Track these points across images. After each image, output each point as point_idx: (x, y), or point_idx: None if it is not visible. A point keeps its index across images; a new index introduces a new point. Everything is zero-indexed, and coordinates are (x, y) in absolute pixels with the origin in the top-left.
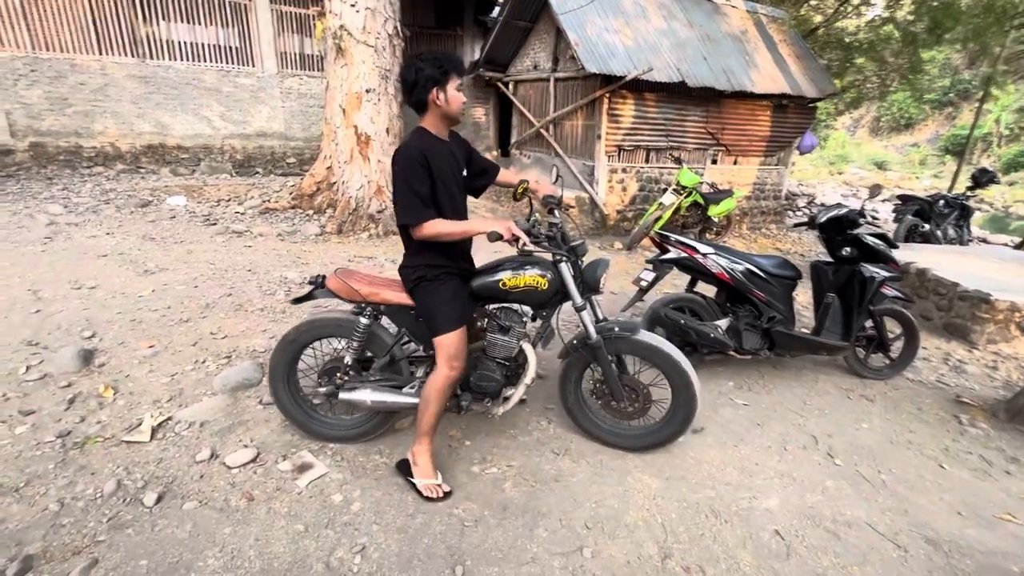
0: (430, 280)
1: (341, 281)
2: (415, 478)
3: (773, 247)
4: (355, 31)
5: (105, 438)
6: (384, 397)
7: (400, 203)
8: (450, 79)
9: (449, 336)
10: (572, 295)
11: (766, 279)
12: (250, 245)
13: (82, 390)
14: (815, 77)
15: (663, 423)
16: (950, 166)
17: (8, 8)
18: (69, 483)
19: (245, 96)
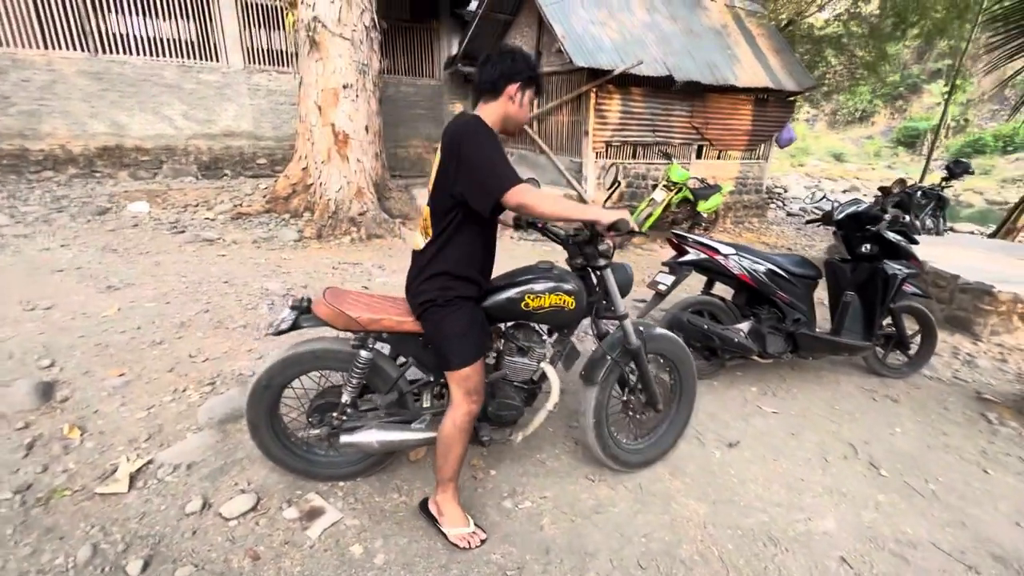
0: (441, 306)
1: (331, 307)
2: (444, 527)
3: (758, 241)
4: (330, 23)
5: (74, 490)
6: (393, 436)
7: (494, 170)
8: (531, 88)
9: (466, 370)
10: (617, 304)
11: (788, 279)
12: (224, 254)
13: (42, 431)
14: (793, 71)
15: (669, 424)
16: (903, 157)
17: None
18: (32, 552)
19: (210, 93)
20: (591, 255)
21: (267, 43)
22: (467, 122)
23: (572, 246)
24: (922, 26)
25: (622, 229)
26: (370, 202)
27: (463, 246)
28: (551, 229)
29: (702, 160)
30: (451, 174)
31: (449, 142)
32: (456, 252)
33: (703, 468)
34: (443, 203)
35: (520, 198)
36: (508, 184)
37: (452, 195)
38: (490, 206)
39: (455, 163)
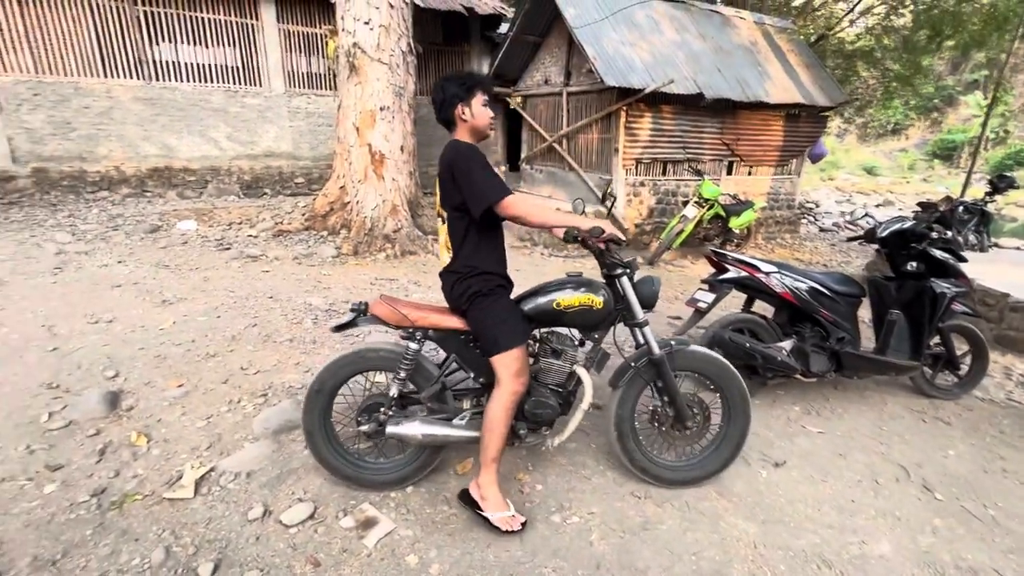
0: (486, 295)
1: (388, 306)
2: (487, 512)
3: (792, 257)
4: (369, 49)
5: (144, 495)
6: (435, 430)
7: (479, 184)
8: (474, 95)
9: (511, 352)
10: (634, 309)
11: (832, 297)
12: (267, 270)
13: (112, 438)
14: (825, 86)
15: (717, 444)
16: (939, 169)
17: (11, 32)
18: (111, 552)
19: (252, 116)
20: (611, 264)
21: (307, 67)
22: (453, 148)
23: (599, 257)
24: (958, 38)
25: (595, 235)
26: (404, 219)
27: (484, 247)
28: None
29: (732, 176)
30: (452, 193)
31: (443, 169)
32: (482, 252)
33: (750, 487)
34: (453, 215)
35: (514, 209)
36: (498, 196)
37: (458, 208)
38: (481, 210)
39: (451, 184)
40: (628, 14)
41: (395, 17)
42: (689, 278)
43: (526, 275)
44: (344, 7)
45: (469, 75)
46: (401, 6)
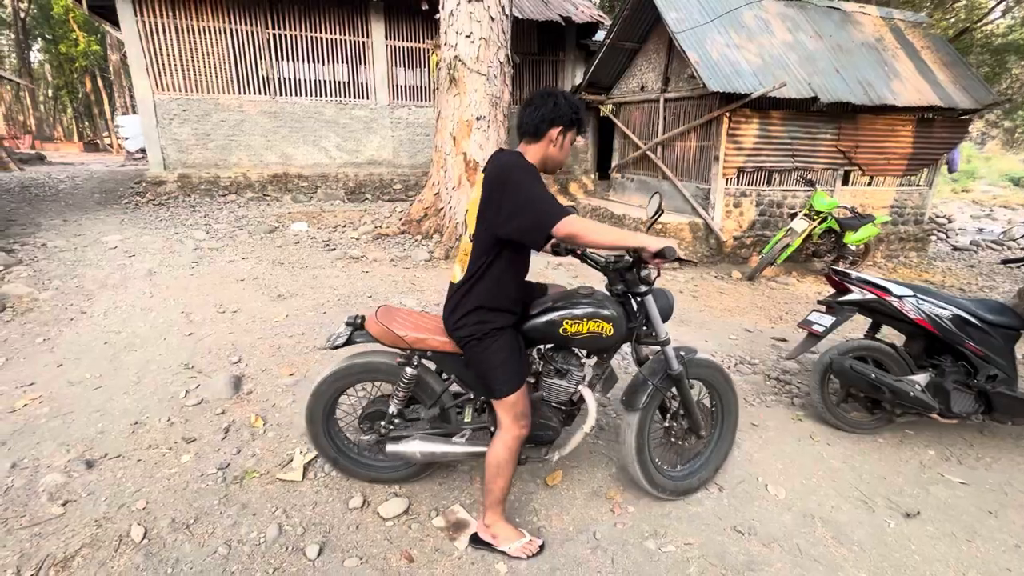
0: (480, 339)
1: (382, 326)
2: (502, 547)
3: (918, 278)
4: (469, 61)
5: (261, 473)
6: (435, 448)
7: (539, 207)
8: (575, 128)
9: (511, 398)
10: (659, 329)
11: (982, 328)
12: (367, 271)
13: (235, 418)
14: (968, 85)
15: (711, 452)
16: None
17: (169, 57)
18: (234, 523)
19: (359, 127)
20: (632, 281)
21: (408, 80)
22: (509, 159)
23: (612, 273)
24: None
25: (668, 256)
26: None
27: (497, 280)
28: (591, 256)
29: (849, 187)
30: (496, 211)
31: (494, 179)
32: (490, 286)
33: (874, 538)
34: (486, 239)
35: (569, 228)
36: (556, 217)
37: (497, 233)
38: (542, 240)
39: (500, 201)
40: (735, 16)
41: (495, 29)
42: (794, 296)
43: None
44: (448, 22)
45: (581, 108)
46: (501, 19)
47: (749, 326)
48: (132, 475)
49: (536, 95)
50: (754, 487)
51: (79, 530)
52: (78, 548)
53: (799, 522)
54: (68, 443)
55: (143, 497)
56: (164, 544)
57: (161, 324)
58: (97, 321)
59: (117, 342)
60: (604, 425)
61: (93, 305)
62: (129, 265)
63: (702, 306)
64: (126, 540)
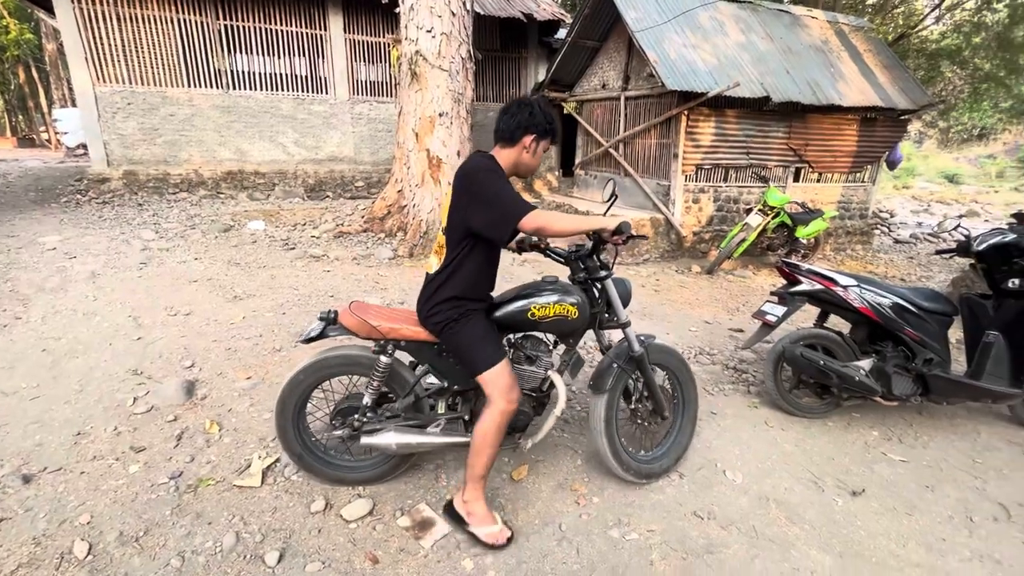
0: (457, 319)
1: (357, 317)
2: (473, 527)
3: (864, 270)
4: (430, 56)
5: (216, 481)
6: (410, 439)
7: (504, 203)
8: (547, 139)
9: (496, 369)
10: (618, 311)
11: (919, 315)
12: (328, 270)
13: (188, 425)
14: (906, 87)
15: (676, 434)
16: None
17: (111, 47)
18: (187, 534)
19: (318, 122)
20: (593, 268)
21: (369, 75)
22: (479, 162)
23: (575, 263)
24: None
25: (625, 231)
26: None
27: (471, 270)
28: (553, 250)
29: (800, 183)
30: (465, 209)
31: (463, 178)
32: (465, 275)
33: (824, 516)
34: (457, 233)
35: (535, 222)
36: (521, 213)
37: (466, 228)
38: (507, 235)
39: (468, 199)
40: (691, 16)
41: (456, 25)
42: (750, 288)
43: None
44: (408, 16)
45: (555, 120)
46: (463, 14)
47: (708, 318)
48: (75, 489)
49: (514, 103)
50: (713, 473)
51: (15, 549)
52: (14, 569)
53: (755, 504)
54: (1, 457)
55: (87, 511)
56: (111, 559)
57: (106, 329)
58: (34, 327)
59: (57, 349)
60: (569, 419)
61: (29, 310)
62: (69, 267)
63: (663, 300)
64: (68, 557)
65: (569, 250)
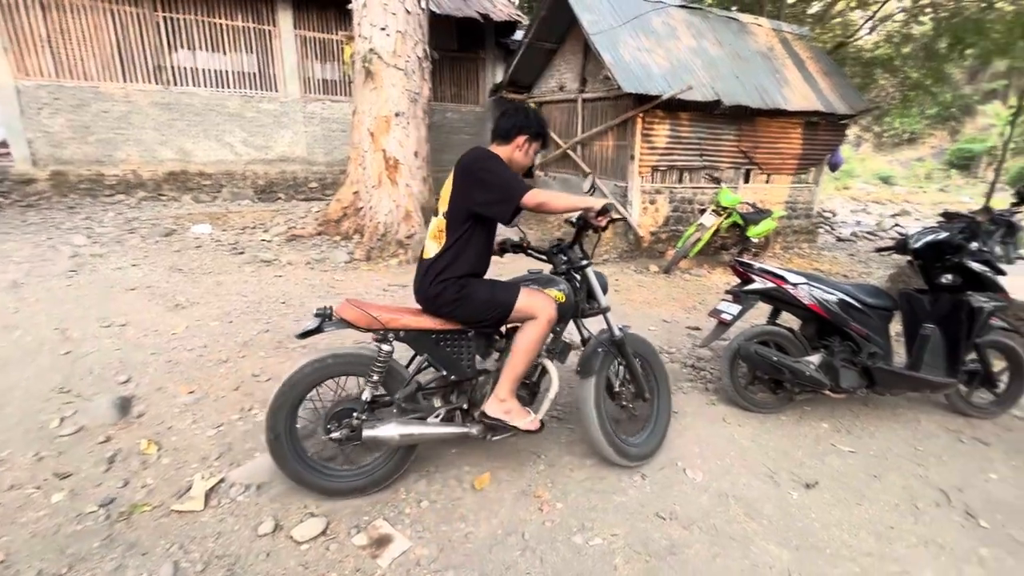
0: (460, 290)
1: (357, 309)
2: (515, 422)
3: (810, 267)
4: (385, 54)
5: (153, 506)
6: (412, 429)
7: (507, 184)
8: (539, 142)
9: (521, 299)
10: (599, 297)
11: (863, 310)
12: (280, 275)
13: (122, 446)
14: (845, 93)
15: (656, 416)
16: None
17: (33, 36)
18: (118, 567)
19: (268, 121)
20: (574, 257)
21: (322, 73)
22: (481, 152)
23: (556, 256)
24: (981, 46)
25: (610, 210)
26: (417, 225)
27: (473, 251)
28: (535, 248)
29: (750, 184)
30: (469, 193)
31: (466, 167)
32: (468, 256)
33: (781, 510)
34: (459, 215)
35: (536, 198)
36: (523, 191)
37: (469, 210)
38: (510, 212)
39: (472, 184)
40: (645, 21)
41: (412, 23)
42: (706, 287)
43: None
44: (361, 13)
45: (546, 127)
46: (418, 12)
47: (666, 317)
48: None
49: (511, 107)
50: (674, 472)
51: None
52: None
53: (715, 502)
54: None
55: (1, 549)
56: None
57: (29, 343)
58: None
59: None
60: None
61: None
62: None
63: (623, 299)
64: None
65: (550, 245)
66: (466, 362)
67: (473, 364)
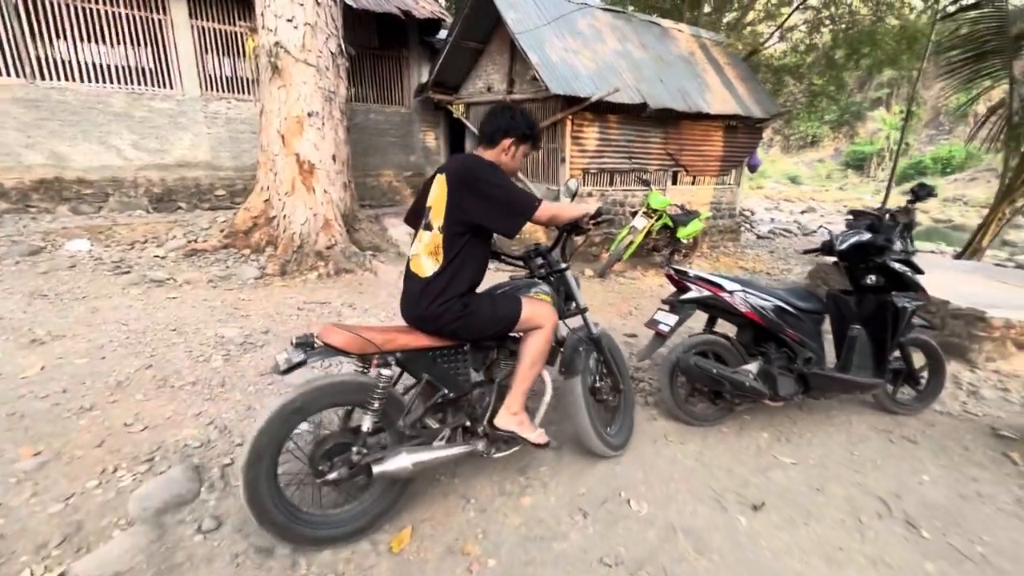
0: (465, 307)
1: (348, 333)
2: (525, 435)
3: (736, 265)
4: (293, 49)
5: None
6: (424, 456)
7: (516, 199)
8: (527, 144)
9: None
10: (577, 298)
11: (797, 315)
12: (174, 296)
13: None
14: (760, 98)
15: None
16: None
17: None
18: None
19: (163, 122)
20: (554, 261)
21: (226, 69)
22: (476, 161)
23: (532, 260)
24: (874, 56)
25: (605, 213)
26: (338, 235)
27: (471, 265)
28: (510, 256)
29: (677, 186)
30: (467, 206)
31: (463, 177)
32: (467, 272)
33: (731, 540)
34: (456, 229)
35: (548, 212)
36: (535, 205)
37: (470, 223)
38: (519, 228)
39: (471, 196)
40: (570, 22)
41: (322, 15)
42: (640, 291)
43: None
44: (264, 2)
45: (537, 127)
46: (329, 3)
47: (603, 323)
48: None
49: (497, 107)
50: (617, 506)
51: None
52: None
53: (663, 537)
54: None
55: None
56: None
57: None
58: None
59: None
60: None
61: None
62: None
63: None
64: None
65: (527, 251)
66: (463, 377)
67: (469, 379)
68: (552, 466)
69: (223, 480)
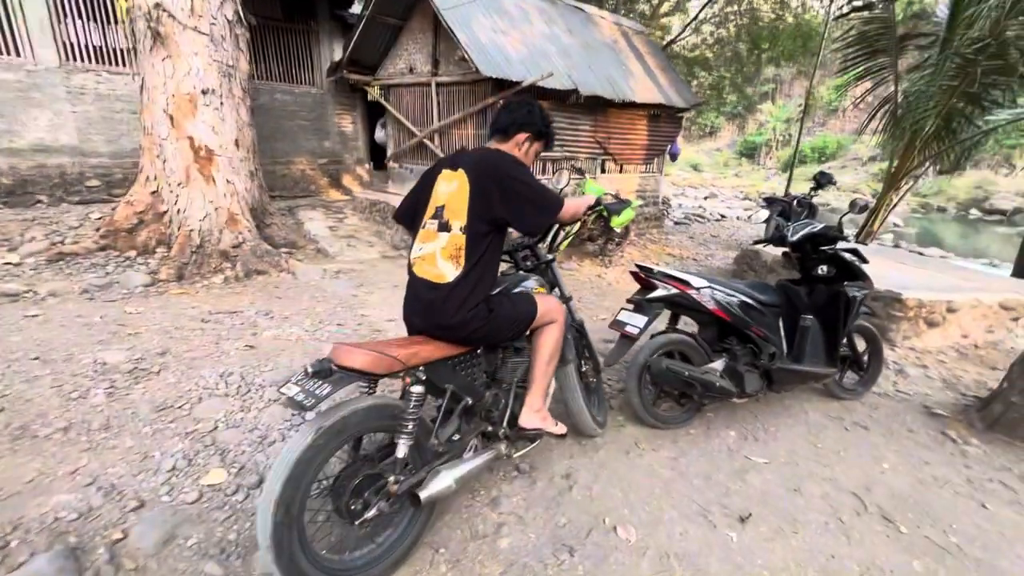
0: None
1: (368, 352)
2: (549, 429)
3: (664, 252)
4: (179, 13)
5: None
6: (462, 470)
7: (544, 197)
8: (541, 141)
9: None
10: (563, 288)
11: (760, 310)
12: (35, 314)
13: None
14: (679, 88)
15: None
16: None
17: None
18: None
19: (10, 97)
20: (541, 253)
21: (92, 37)
22: (502, 156)
23: (517, 253)
24: (774, 51)
25: (604, 203)
26: (247, 231)
27: (492, 268)
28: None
29: (606, 174)
30: (494, 202)
31: (490, 174)
32: (491, 274)
33: (728, 562)
34: (481, 228)
35: (570, 210)
36: (561, 202)
37: (493, 222)
38: (544, 226)
39: (500, 193)
40: (497, 2)
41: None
42: (580, 282)
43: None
44: None
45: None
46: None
47: None
48: None
49: (514, 100)
50: (603, 536)
51: None
52: None
53: (657, 567)
54: None
55: None
56: None
57: None
58: None
59: None
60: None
61: None
62: None
63: None
64: None
65: (513, 245)
66: (480, 382)
67: (485, 383)
68: (525, 495)
69: (113, 564)
